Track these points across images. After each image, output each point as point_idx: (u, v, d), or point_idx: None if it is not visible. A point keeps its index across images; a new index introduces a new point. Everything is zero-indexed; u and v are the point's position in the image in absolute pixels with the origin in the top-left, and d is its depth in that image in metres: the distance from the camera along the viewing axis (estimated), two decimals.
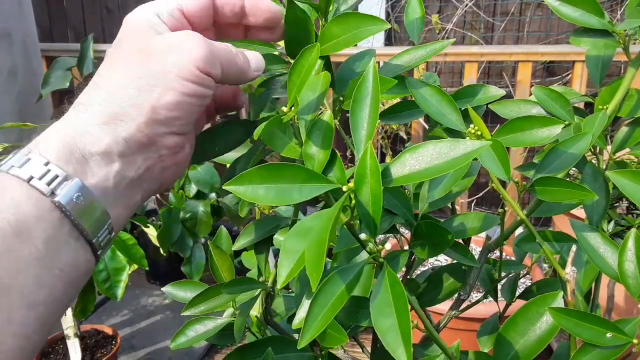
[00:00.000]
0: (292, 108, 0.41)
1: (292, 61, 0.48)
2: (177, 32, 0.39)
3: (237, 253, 0.66)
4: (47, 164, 0.34)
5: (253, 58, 0.43)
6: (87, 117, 0.36)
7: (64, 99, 2.01)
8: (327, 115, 0.41)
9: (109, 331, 1.50)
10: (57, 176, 0.34)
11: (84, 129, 0.36)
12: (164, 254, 1.52)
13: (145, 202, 1.73)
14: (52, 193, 0.33)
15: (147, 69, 0.37)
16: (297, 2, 0.45)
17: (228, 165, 0.49)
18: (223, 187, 0.38)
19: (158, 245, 1.49)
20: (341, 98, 0.46)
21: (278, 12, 0.44)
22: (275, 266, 0.44)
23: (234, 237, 0.58)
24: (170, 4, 0.40)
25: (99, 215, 0.35)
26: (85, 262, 0.35)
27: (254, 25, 0.45)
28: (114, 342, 1.47)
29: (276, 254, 0.41)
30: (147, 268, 1.29)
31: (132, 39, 0.39)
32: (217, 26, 0.44)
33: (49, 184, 0.33)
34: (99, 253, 0.36)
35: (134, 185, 0.38)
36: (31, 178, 0.33)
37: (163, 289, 0.61)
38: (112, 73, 0.38)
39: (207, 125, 0.50)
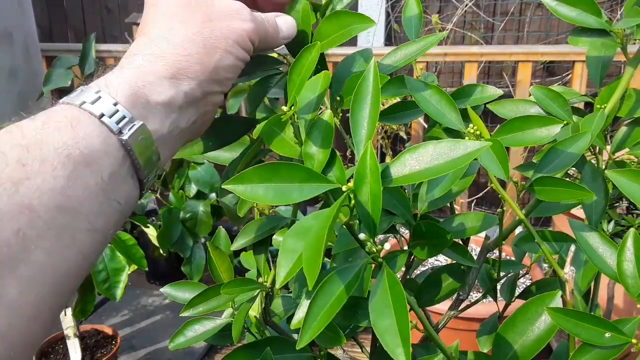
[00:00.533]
0: (292, 107, 0.41)
1: (285, 60, 0.48)
2: (230, 1, 0.42)
3: (237, 253, 0.66)
4: (116, 104, 0.36)
5: (284, 25, 0.46)
6: (156, 69, 0.39)
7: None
8: (327, 114, 0.41)
9: (108, 331, 1.50)
10: (124, 117, 0.36)
11: (152, 79, 0.39)
12: (164, 254, 1.51)
13: (146, 202, 1.73)
14: (120, 132, 0.36)
15: (211, 30, 0.40)
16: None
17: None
18: (222, 186, 0.38)
19: (158, 245, 1.49)
20: (338, 97, 0.46)
21: None
22: (274, 266, 0.44)
23: (234, 237, 0.58)
24: None
25: (154, 158, 0.39)
26: (134, 199, 0.38)
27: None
28: (113, 342, 1.47)
29: (275, 254, 0.41)
30: (147, 268, 1.29)
31: None
32: None
33: (117, 122, 0.36)
34: (143, 191, 0.39)
35: (182, 134, 0.41)
36: (102, 115, 0.36)
37: (162, 289, 0.61)
38: (177, 26, 0.40)
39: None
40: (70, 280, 0.34)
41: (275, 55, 0.55)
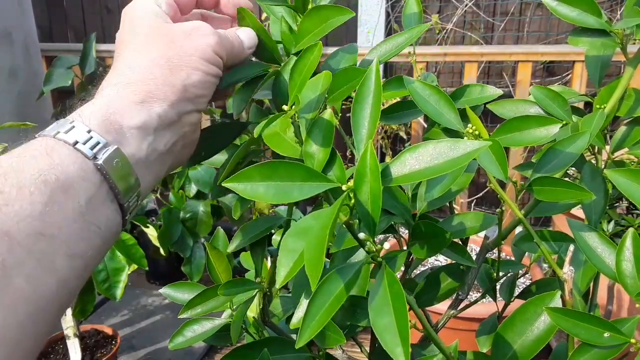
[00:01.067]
0: (293, 106, 0.41)
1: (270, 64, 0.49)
2: (189, 22, 0.44)
3: (237, 253, 0.66)
4: (89, 131, 0.37)
5: (245, 37, 0.47)
6: (125, 95, 0.40)
7: (64, 98, 2.01)
8: (327, 113, 0.41)
9: (108, 331, 1.50)
10: (98, 142, 0.37)
11: (123, 105, 0.39)
12: (164, 254, 1.51)
13: (145, 202, 1.73)
14: (95, 157, 0.37)
15: (174, 51, 0.41)
16: (271, 4, 0.47)
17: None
18: (222, 184, 0.38)
19: (158, 245, 1.49)
20: (326, 94, 0.46)
21: (245, 2, 0.49)
22: (271, 267, 0.44)
23: (233, 237, 0.58)
24: None
25: (132, 181, 0.39)
26: (116, 225, 0.39)
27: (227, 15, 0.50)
28: (113, 342, 1.47)
29: (274, 254, 0.41)
30: (147, 268, 1.29)
31: (147, 25, 0.43)
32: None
33: (92, 148, 0.37)
34: (126, 217, 0.39)
35: (162, 158, 0.42)
36: (76, 142, 0.36)
37: (161, 290, 0.61)
38: (141, 55, 0.42)
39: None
40: (52, 306, 0.34)
41: None
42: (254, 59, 0.49)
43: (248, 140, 0.44)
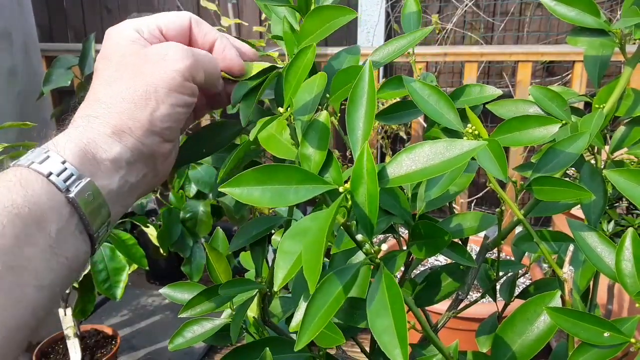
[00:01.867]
0: (288, 109, 0.41)
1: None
2: (162, 43, 0.43)
3: (237, 253, 0.66)
4: (63, 162, 0.37)
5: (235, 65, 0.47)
6: (97, 127, 0.40)
7: (63, 98, 2.01)
8: (323, 116, 0.41)
9: (108, 331, 1.50)
10: (72, 174, 0.37)
11: (96, 137, 0.39)
12: (164, 254, 1.52)
13: (145, 202, 1.73)
14: (67, 189, 0.37)
15: (140, 83, 0.41)
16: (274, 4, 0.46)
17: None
18: (219, 189, 0.38)
19: (158, 245, 1.49)
20: (327, 95, 0.46)
21: (238, 64, 0.47)
22: (271, 267, 0.44)
23: (233, 237, 0.58)
24: (150, 22, 0.44)
25: (103, 213, 0.39)
26: (84, 254, 0.39)
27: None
28: (113, 342, 1.47)
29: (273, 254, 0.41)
30: (147, 268, 1.29)
31: (120, 54, 0.42)
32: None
33: (65, 180, 0.37)
34: (95, 247, 0.39)
35: (132, 189, 0.42)
36: (50, 174, 0.37)
37: (160, 290, 0.61)
38: (109, 88, 0.41)
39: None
40: (20, 334, 0.34)
41: (275, 55, 0.55)
42: None
43: (247, 141, 0.44)
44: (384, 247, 0.37)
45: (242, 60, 0.48)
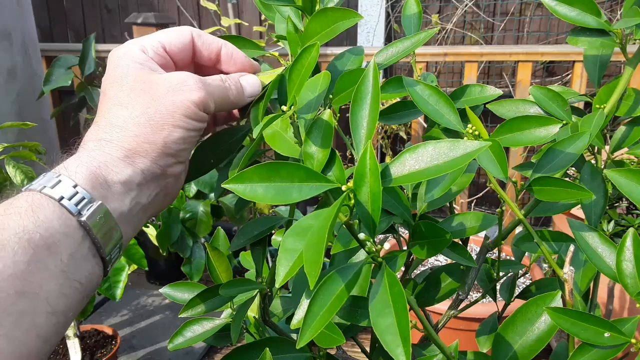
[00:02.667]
0: (292, 107, 0.41)
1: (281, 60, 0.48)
2: (176, 73, 0.43)
3: (237, 253, 0.66)
4: (75, 186, 0.37)
5: (248, 85, 0.47)
6: (109, 151, 0.40)
7: (63, 98, 2.01)
8: (326, 114, 0.41)
9: (108, 331, 1.50)
10: (83, 198, 0.37)
11: (108, 160, 0.40)
12: (164, 254, 1.51)
13: None
14: (79, 213, 0.37)
15: (156, 109, 0.41)
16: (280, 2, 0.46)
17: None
18: (222, 186, 0.38)
19: (158, 245, 1.49)
20: (330, 96, 0.46)
21: (250, 66, 0.49)
22: (272, 266, 0.44)
23: (233, 237, 0.58)
24: (153, 41, 0.45)
25: (115, 235, 0.39)
26: (97, 278, 0.39)
27: (226, 72, 0.49)
28: (113, 342, 1.46)
29: (275, 254, 0.41)
30: (147, 268, 1.29)
31: (132, 79, 0.43)
32: (195, 64, 0.49)
33: (77, 204, 0.37)
34: (108, 269, 0.40)
35: (144, 210, 0.42)
36: (62, 198, 0.37)
37: (161, 290, 0.61)
38: (123, 111, 0.42)
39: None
40: None
41: (276, 55, 0.55)
42: None
43: (257, 140, 0.44)
44: (386, 246, 0.37)
45: (252, 60, 0.49)
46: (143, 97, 0.42)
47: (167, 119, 0.41)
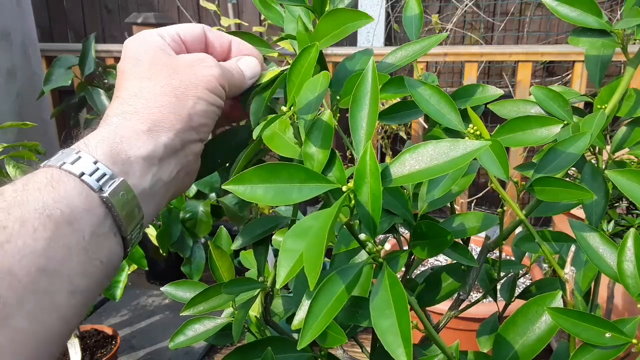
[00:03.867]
0: (292, 107, 0.41)
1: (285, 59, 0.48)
2: (193, 53, 0.44)
3: (237, 253, 0.66)
4: (95, 162, 0.37)
5: (246, 67, 0.48)
6: (132, 124, 0.40)
7: (63, 98, 2.01)
8: (326, 115, 0.41)
9: (108, 331, 1.50)
10: (104, 174, 0.36)
11: (130, 134, 0.39)
12: (164, 254, 1.51)
13: None
14: (101, 189, 0.36)
15: (180, 81, 0.41)
16: (291, 4, 0.46)
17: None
18: (222, 187, 0.38)
19: (158, 245, 1.49)
20: (338, 97, 0.46)
21: (257, 54, 0.50)
22: (275, 266, 0.44)
23: (233, 237, 0.58)
24: (169, 29, 0.46)
25: (136, 213, 0.38)
26: (118, 257, 0.38)
27: None
28: (113, 342, 1.46)
29: (276, 254, 0.41)
30: (147, 268, 1.29)
31: (151, 57, 0.43)
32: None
33: (98, 180, 0.36)
34: (128, 250, 0.39)
35: (165, 188, 0.41)
36: (82, 174, 0.36)
37: (162, 288, 0.61)
38: (146, 83, 0.42)
39: None
40: (52, 346, 0.33)
41: (275, 55, 0.55)
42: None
43: (256, 141, 0.44)
44: (387, 246, 0.37)
45: (257, 50, 0.50)
46: (165, 69, 0.42)
47: (191, 89, 0.41)
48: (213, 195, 1.61)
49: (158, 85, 0.41)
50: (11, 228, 0.32)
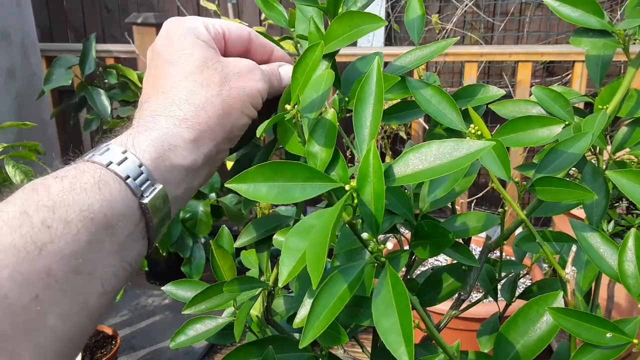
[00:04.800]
0: (296, 106, 0.41)
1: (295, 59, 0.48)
2: (241, 59, 0.43)
3: (237, 253, 0.66)
4: (140, 165, 0.37)
5: (285, 75, 0.48)
6: (181, 132, 0.39)
7: (63, 98, 2.00)
8: (330, 113, 0.41)
9: (108, 331, 1.50)
10: (147, 180, 0.37)
11: (178, 143, 0.39)
12: (164, 254, 1.51)
13: None
14: (142, 195, 0.36)
15: (229, 92, 0.41)
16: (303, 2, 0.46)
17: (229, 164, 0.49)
18: (225, 185, 0.38)
19: (158, 245, 1.49)
20: (347, 98, 0.46)
21: (291, 61, 0.50)
22: (276, 266, 0.44)
23: (233, 237, 0.58)
24: (215, 23, 0.45)
25: (166, 219, 0.39)
26: (142, 258, 0.38)
27: None
28: (113, 342, 1.46)
29: (276, 254, 0.41)
30: (147, 268, 1.29)
31: (203, 55, 0.42)
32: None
33: (140, 185, 0.36)
34: (150, 250, 0.39)
35: (190, 193, 0.42)
36: (127, 177, 0.36)
37: (163, 288, 0.61)
38: (199, 91, 0.41)
39: None
40: (79, 343, 0.34)
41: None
42: None
43: (269, 144, 0.45)
44: (389, 245, 0.38)
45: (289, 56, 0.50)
46: (216, 75, 0.41)
47: (237, 103, 0.42)
48: (213, 195, 1.61)
49: (209, 93, 0.41)
50: (55, 228, 0.32)
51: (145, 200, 0.36)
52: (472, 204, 2.35)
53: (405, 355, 0.32)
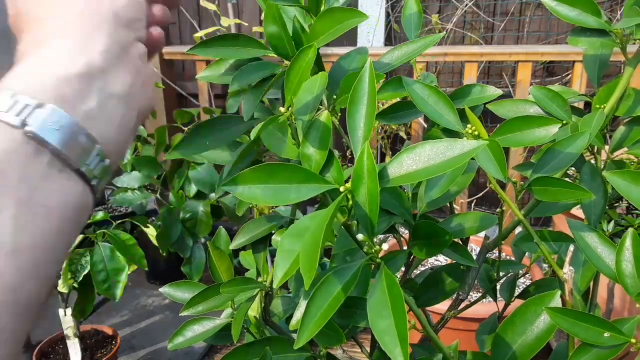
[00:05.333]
0: (289, 108, 0.41)
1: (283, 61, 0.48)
2: None
3: (236, 253, 0.66)
4: (13, 95, 0.31)
5: None
6: (57, 44, 0.34)
7: None
8: (324, 115, 0.41)
9: (108, 331, 1.50)
10: (27, 105, 0.30)
11: (56, 54, 0.33)
12: (164, 254, 1.51)
13: (145, 202, 1.73)
14: (24, 124, 0.30)
15: None
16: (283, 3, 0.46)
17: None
18: (220, 187, 0.38)
19: (158, 245, 1.49)
20: (334, 97, 0.46)
21: None
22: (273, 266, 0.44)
23: (233, 236, 0.58)
24: None
25: (83, 141, 0.32)
26: (76, 195, 0.32)
27: None
28: (113, 342, 1.46)
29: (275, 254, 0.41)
30: (147, 268, 1.29)
31: None
32: None
33: (17, 114, 0.30)
34: (93, 183, 0.33)
35: (123, 102, 0.35)
36: None
37: (161, 289, 0.61)
38: (49, 5, 0.36)
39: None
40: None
41: (275, 55, 0.55)
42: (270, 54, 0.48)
43: (251, 142, 0.44)
44: (385, 246, 0.37)
45: None
46: None
47: None
48: (213, 195, 1.61)
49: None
50: None
51: (30, 128, 0.30)
52: (472, 204, 2.34)
53: (400, 356, 0.32)
